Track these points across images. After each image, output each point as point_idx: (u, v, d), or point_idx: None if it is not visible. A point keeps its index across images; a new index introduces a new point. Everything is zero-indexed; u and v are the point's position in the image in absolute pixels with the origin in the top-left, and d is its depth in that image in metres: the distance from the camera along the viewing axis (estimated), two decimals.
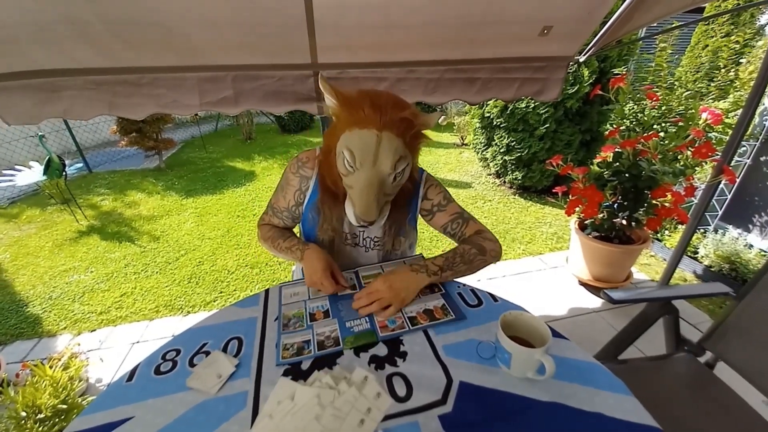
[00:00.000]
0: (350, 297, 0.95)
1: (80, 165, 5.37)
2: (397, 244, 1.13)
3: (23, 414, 1.40)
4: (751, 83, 1.93)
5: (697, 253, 2.54)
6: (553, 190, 2.54)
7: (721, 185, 2.61)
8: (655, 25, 1.84)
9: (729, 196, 2.62)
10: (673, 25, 2.17)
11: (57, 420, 1.45)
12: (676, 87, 3.31)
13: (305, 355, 0.78)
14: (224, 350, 0.81)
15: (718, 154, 1.87)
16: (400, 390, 0.70)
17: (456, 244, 1.07)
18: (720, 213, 2.68)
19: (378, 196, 0.85)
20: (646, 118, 2.90)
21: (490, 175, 4.57)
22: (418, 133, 0.90)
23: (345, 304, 0.94)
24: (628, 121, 3.04)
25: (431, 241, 3.10)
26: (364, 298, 0.90)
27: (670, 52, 3.21)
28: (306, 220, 1.11)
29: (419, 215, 1.15)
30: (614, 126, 3.24)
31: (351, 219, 0.90)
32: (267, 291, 1.02)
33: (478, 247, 1.01)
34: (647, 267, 2.64)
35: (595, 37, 1.89)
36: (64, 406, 1.48)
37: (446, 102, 1.94)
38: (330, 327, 0.86)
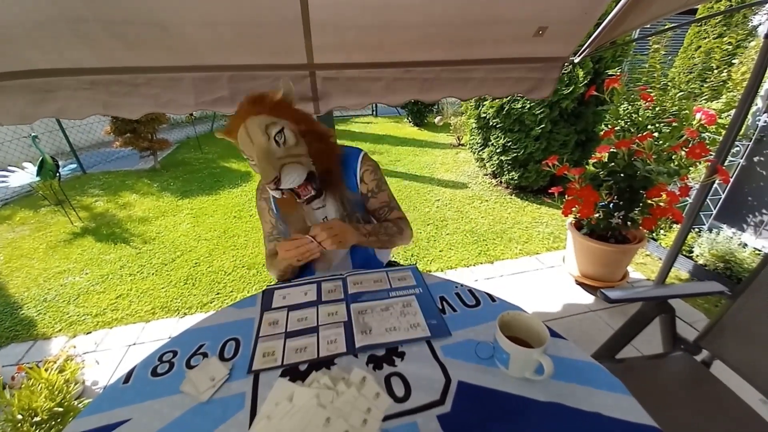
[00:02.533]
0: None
1: (74, 166, 5.33)
2: (355, 219, 1.18)
3: (19, 417, 1.39)
4: (744, 84, 1.95)
5: (692, 252, 2.56)
6: (550, 190, 2.55)
7: (715, 185, 2.63)
8: (648, 26, 1.85)
9: (723, 196, 2.64)
10: (667, 27, 2.18)
11: (53, 423, 1.43)
12: (669, 88, 3.34)
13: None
14: (221, 351, 0.81)
15: (711, 155, 1.89)
16: (399, 390, 0.70)
17: None
18: (714, 212, 2.70)
19: (270, 161, 0.95)
20: (640, 119, 2.91)
21: (487, 175, 4.58)
22: (275, 104, 1.00)
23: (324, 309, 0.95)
24: (622, 122, 3.05)
25: (428, 241, 3.10)
26: (324, 231, 0.97)
27: (664, 53, 3.23)
28: (284, 232, 1.21)
29: None
30: (609, 126, 3.24)
31: (273, 194, 1.03)
32: (264, 292, 1.01)
33: (398, 228, 1.19)
34: (643, 266, 2.66)
35: (589, 38, 1.90)
36: (60, 409, 1.46)
37: (439, 99, 1.95)
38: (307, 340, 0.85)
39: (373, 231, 1.12)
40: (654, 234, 2.84)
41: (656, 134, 2.31)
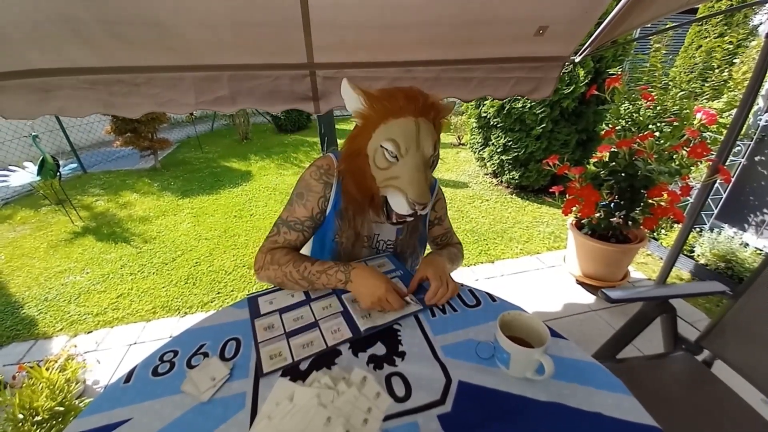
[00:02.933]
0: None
1: (74, 165, 5.34)
2: (410, 248, 1.15)
3: (20, 416, 1.39)
4: (745, 83, 1.95)
5: (693, 251, 2.56)
6: (550, 190, 2.55)
7: (717, 184, 2.63)
8: (649, 25, 1.85)
9: (724, 196, 2.64)
10: (667, 26, 2.18)
11: (54, 422, 1.44)
12: (670, 87, 3.34)
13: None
14: (222, 351, 0.81)
15: (713, 154, 1.89)
16: (399, 390, 0.70)
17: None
18: (715, 212, 2.70)
19: (426, 178, 0.87)
20: (641, 118, 2.91)
21: (488, 174, 4.58)
22: (441, 119, 0.95)
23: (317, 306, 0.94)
24: (623, 121, 3.06)
25: None
26: (441, 291, 0.91)
27: (665, 52, 3.23)
28: (329, 227, 1.05)
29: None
30: (610, 126, 3.25)
31: (400, 210, 0.90)
32: (248, 300, 1.00)
33: (461, 252, 1.23)
34: (644, 266, 2.66)
35: (590, 37, 1.90)
36: (61, 409, 1.47)
37: (440, 99, 1.94)
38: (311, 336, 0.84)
39: (451, 260, 1.11)
40: (655, 234, 2.83)
41: (657, 134, 2.31)
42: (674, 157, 2.06)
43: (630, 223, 2.11)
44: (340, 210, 1.02)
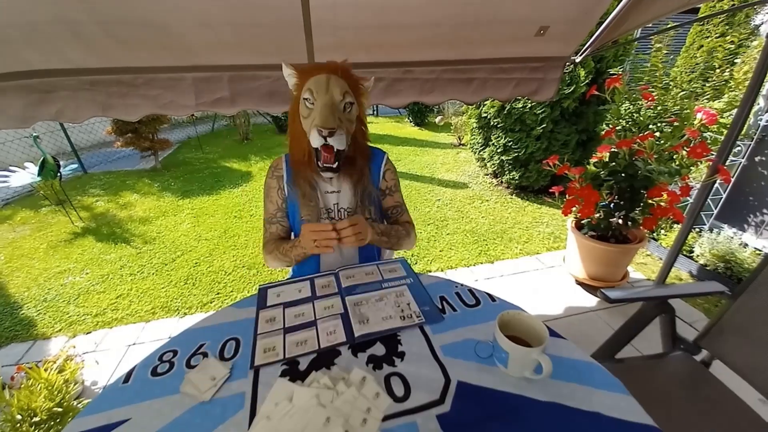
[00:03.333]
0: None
1: (75, 166, 5.34)
2: (367, 213, 1.18)
3: (18, 417, 1.39)
4: (746, 83, 1.95)
5: (692, 252, 2.56)
6: (550, 190, 2.55)
7: (716, 185, 2.63)
8: (650, 25, 1.85)
9: (724, 196, 2.64)
10: (669, 26, 2.18)
11: (52, 423, 1.43)
12: (671, 87, 3.33)
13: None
14: (221, 351, 0.81)
15: (713, 154, 1.89)
16: (398, 390, 0.70)
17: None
18: (715, 212, 2.69)
19: (333, 111, 0.99)
20: (641, 118, 2.91)
21: (488, 175, 4.58)
22: (356, 84, 1.08)
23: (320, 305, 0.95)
24: (624, 121, 3.06)
25: (429, 241, 3.10)
26: (350, 226, 1.00)
27: (666, 52, 3.23)
28: (294, 209, 1.17)
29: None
30: (610, 126, 3.26)
31: (314, 142, 1.01)
32: (260, 290, 1.02)
33: (406, 231, 1.24)
34: (643, 266, 2.66)
35: (591, 37, 1.90)
36: (60, 409, 1.47)
37: (443, 101, 1.95)
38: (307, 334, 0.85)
39: (386, 231, 1.16)
40: (654, 234, 2.83)
41: (657, 134, 2.31)
42: (674, 157, 2.06)
43: (629, 223, 2.11)
44: (291, 184, 1.15)
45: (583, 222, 2.27)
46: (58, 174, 3.57)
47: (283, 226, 1.21)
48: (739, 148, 2.52)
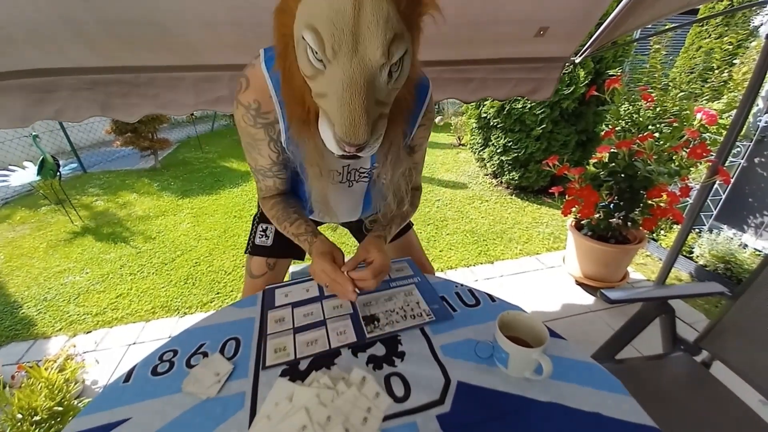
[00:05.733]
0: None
1: (75, 165, 5.34)
2: (384, 175, 0.86)
3: (19, 416, 1.39)
4: (745, 84, 1.95)
5: (692, 252, 2.56)
6: (550, 191, 2.55)
7: (716, 185, 2.63)
8: (649, 26, 1.85)
9: (723, 197, 2.64)
10: (667, 27, 2.19)
11: (53, 422, 1.43)
12: (670, 88, 3.34)
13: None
14: (222, 351, 0.81)
15: (712, 155, 1.89)
16: (398, 390, 0.70)
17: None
18: (715, 213, 2.70)
19: (367, 104, 0.55)
20: (641, 119, 2.91)
21: (487, 175, 4.58)
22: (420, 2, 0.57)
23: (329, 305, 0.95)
24: (623, 122, 3.06)
25: (429, 241, 3.10)
26: (371, 280, 0.83)
27: (665, 53, 3.23)
28: (294, 156, 0.86)
29: None
30: (610, 126, 3.25)
31: (330, 147, 0.63)
32: (264, 291, 1.01)
33: (414, 207, 1.05)
34: (643, 267, 2.66)
35: (590, 38, 1.90)
36: (60, 409, 1.47)
37: (441, 100, 1.95)
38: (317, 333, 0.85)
39: (395, 230, 0.98)
40: (654, 234, 2.84)
41: (657, 134, 2.31)
42: (674, 157, 2.06)
43: (629, 223, 2.11)
44: (292, 136, 0.78)
45: (582, 222, 2.27)
46: (58, 173, 3.57)
47: (281, 179, 0.93)
48: (738, 149, 2.52)
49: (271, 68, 0.72)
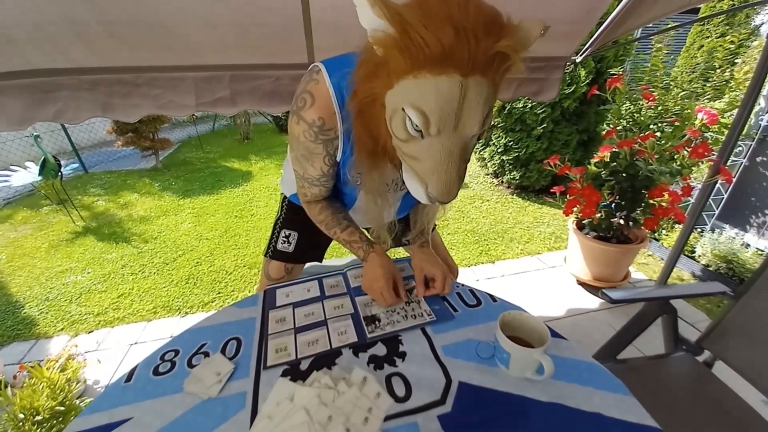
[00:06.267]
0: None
1: (76, 165, 5.35)
2: None
3: (21, 416, 1.39)
4: (747, 83, 1.95)
5: (694, 252, 2.56)
6: (551, 190, 2.55)
7: (718, 185, 2.62)
8: (650, 25, 1.85)
9: (725, 196, 2.63)
10: (669, 26, 2.18)
11: (55, 422, 1.44)
12: (672, 87, 3.33)
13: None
14: (223, 351, 0.81)
15: (714, 154, 1.89)
16: (400, 390, 0.70)
17: None
18: (717, 212, 2.69)
19: (459, 169, 0.61)
20: (642, 118, 2.91)
21: (488, 175, 4.58)
22: (510, 66, 0.60)
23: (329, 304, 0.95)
24: (624, 121, 3.05)
25: None
26: (447, 289, 0.95)
27: (666, 52, 3.23)
28: (345, 179, 0.92)
29: None
30: (611, 126, 3.25)
31: (418, 196, 0.68)
32: (265, 292, 1.01)
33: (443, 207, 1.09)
34: (645, 266, 2.65)
35: (591, 37, 1.90)
36: (62, 408, 1.47)
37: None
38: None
39: (428, 228, 1.07)
40: (656, 234, 2.83)
41: (658, 134, 2.30)
42: (675, 157, 2.05)
43: (631, 223, 2.11)
44: (352, 162, 0.83)
45: (584, 222, 2.27)
46: (59, 173, 3.58)
47: (327, 188, 0.96)
48: (740, 148, 2.52)
49: (335, 85, 0.75)
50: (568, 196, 2.22)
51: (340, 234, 0.97)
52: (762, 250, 2.43)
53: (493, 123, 3.83)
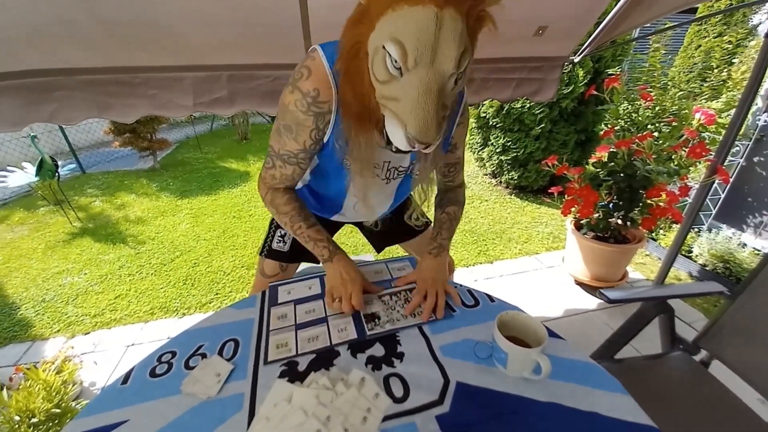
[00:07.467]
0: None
1: (73, 166, 5.32)
2: (425, 178, 0.93)
3: (16, 418, 1.38)
4: (744, 83, 1.95)
5: (691, 252, 2.56)
6: (549, 190, 2.55)
7: (715, 185, 2.63)
8: (648, 25, 1.85)
9: (722, 196, 2.64)
10: (666, 26, 2.19)
11: (50, 424, 1.43)
12: (669, 87, 3.34)
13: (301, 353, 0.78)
14: (220, 352, 0.81)
15: (711, 154, 1.89)
16: (398, 391, 0.70)
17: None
18: (714, 212, 2.70)
19: (437, 108, 0.61)
20: (640, 118, 2.92)
21: (487, 175, 4.58)
22: (482, 11, 0.63)
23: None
24: (622, 121, 3.06)
25: None
26: (416, 303, 0.91)
27: (664, 52, 3.24)
28: (331, 151, 0.88)
29: None
30: (609, 126, 3.26)
31: (396, 142, 0.68)
32: (264, 292, 1.01)
33: (461, 204, 1.09)
34: (642, 266, 2.66)
35: (589, 37, 1.90)
36: (58, 411, 1.46)
37: None
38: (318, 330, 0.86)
39: (451, 234, 1.07)
40: (653, 234, 2.84)
41: (656, 134, 2.31)
42: (673, 157, 2.06)
43: (629, 223, 2.11)
44: (342, 131, 0.81)
45: (582, 222, 2.27)
46: (56, 174, 3.56)
47: (301, 169, 0.91)
48: (737, 148, 2.52)
49: (329, 57, 0.76)
50: (566, 196, 2.22)
51: (305, 230, 0.94)
52: (759, 250, 2.43)
53: (491, 123, 3.83)
